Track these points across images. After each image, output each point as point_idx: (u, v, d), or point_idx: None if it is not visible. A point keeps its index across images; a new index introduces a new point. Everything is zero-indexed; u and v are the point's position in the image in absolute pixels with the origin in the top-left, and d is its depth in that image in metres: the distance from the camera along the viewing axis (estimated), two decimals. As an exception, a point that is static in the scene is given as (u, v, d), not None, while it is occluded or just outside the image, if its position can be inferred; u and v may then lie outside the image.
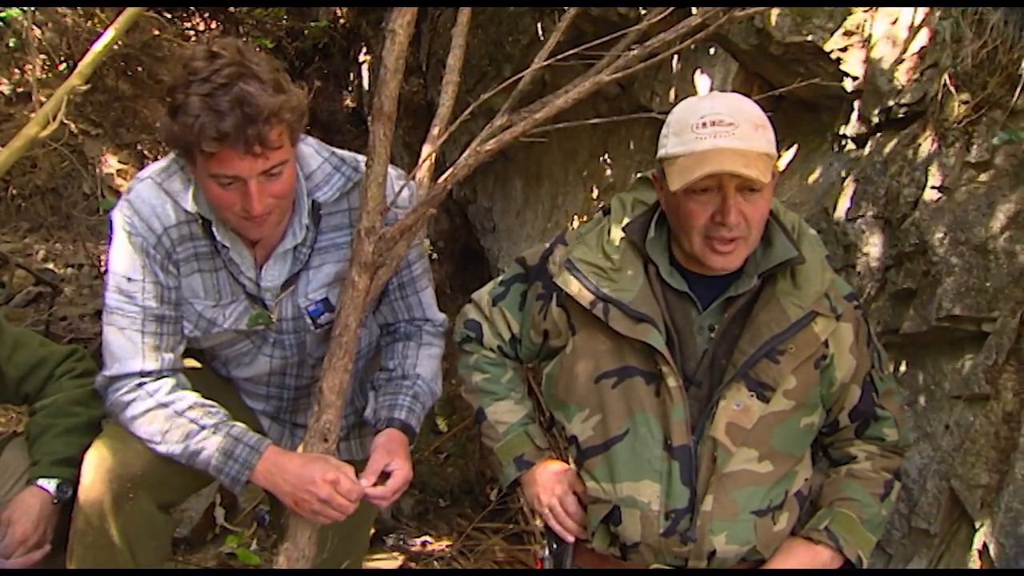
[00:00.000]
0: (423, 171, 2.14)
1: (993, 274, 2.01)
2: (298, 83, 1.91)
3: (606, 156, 4.19)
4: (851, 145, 2.56)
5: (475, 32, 4.96)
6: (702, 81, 3.19)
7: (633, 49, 2.13)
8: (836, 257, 2.45)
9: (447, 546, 4.34)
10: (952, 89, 2.08)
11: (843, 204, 2.43)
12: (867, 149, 2.44)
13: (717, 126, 1.71)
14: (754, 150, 1.71)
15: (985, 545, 1.93)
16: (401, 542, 4.44)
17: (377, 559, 4.30)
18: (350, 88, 7.22)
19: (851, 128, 2.53)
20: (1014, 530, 1.86)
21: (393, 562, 4.26)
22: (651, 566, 1.87)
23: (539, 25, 4.24)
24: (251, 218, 1.85)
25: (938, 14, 2.15)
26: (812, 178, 2.69)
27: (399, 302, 2.22)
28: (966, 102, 2.06)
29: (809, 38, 2.52)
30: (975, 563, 1.97)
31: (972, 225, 2.03)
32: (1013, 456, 1.90)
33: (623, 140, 4.00)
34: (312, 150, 2.03)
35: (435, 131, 2.23)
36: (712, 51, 3.14)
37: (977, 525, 1.98)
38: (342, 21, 7.09)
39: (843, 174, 2.50)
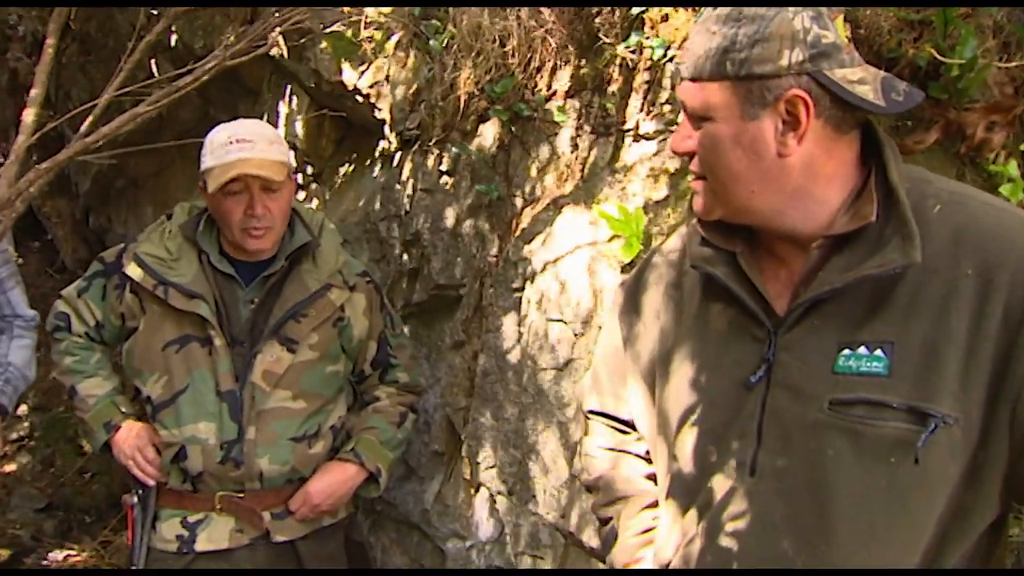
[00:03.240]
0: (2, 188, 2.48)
1: (462, 251, 2.72)
2: None
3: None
4: (386, 161, 3.22)
5: (97, 66, 5.22)
6: (284, 109, 3.74)
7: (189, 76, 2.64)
8: (374, 249, 3.10)
9: (89, 555, 4.54)
10: (431, 118, 2.79)
11: (377, 207, 3.08)
12: (393, 163, 3.11)
13: (241, 143, 2.26)
14: (268, 159, 2.26)
15: (467, 447, 2.63)
16: (41, 561, 4.56)
17: (14, 577, 4.41)
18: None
19: (385, 148, 3.20)
20: (475, 431, 2.57)
21: (30, 577, 4.41)
22: (218, 494, 2.32)
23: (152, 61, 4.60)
24: None
25: (419, 64, 2.87)
26: (363, 188, 3.34)
27: None
28: (440, 127, 2.77)
29: (346, 80, 3.16)
30: (467, 468, 2.66)
31: (446, 217, 2.74)
32: (476, 381, 2.60)
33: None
34: None
35: (13, 156, 2.58)
36: (290, 87, 3.72)
37: (462, 437, 2.67)
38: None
39: (380, 184, 3.15)
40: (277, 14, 2.69)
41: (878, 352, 1.21)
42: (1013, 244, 1.17)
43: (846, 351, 1.23)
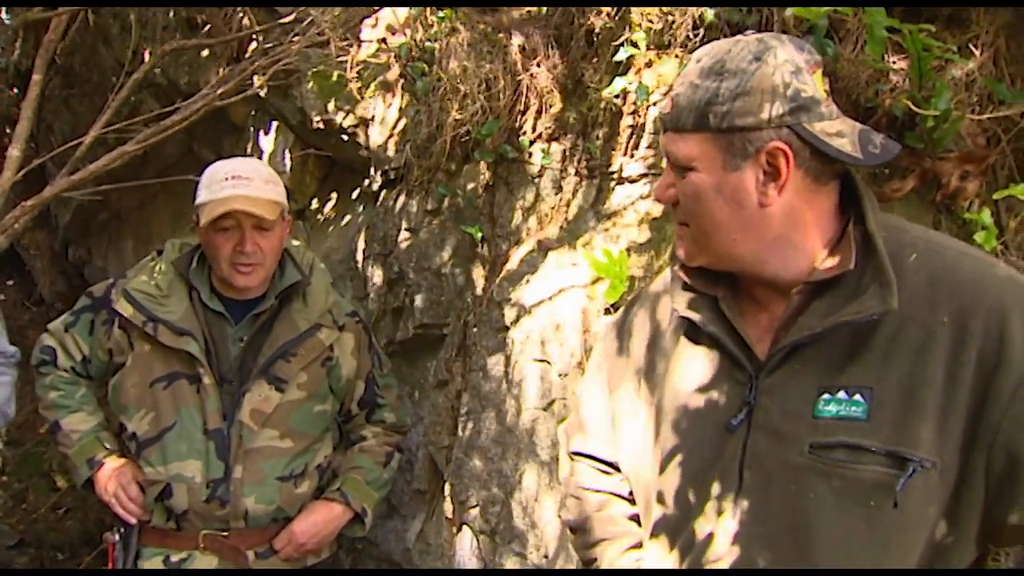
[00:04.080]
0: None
1: (446, 291, 2.74)
2: None
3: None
4: (369, 200, 3.25)
5: (81, 100, 5.24)
6: (267, 146, 3.77)
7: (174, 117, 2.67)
8: (357, 287, 3.12)
9: (63, 594, 4.47)
10: (416, 158, 2.82)
11: (361, 245, 3.10)
12: (377, 202, 3.14)
13: (237, 179, 2.27)
14: (263, 197, 2.28)
15: (450, 486, 2.63)
16: (12, 601, 4.48)
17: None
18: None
19: (369, 186, 3.23)
20: (458, 470, 2.57)
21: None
22: (201, 532, 2.31)
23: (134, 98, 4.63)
24: None
25: (405, 105, 2.91)
26: (347, 225, 3.36)
27: None
28: (425, 167, 2.81)
29: (332, 119, 3.19)
30: (450, 507, 2.66)
31: (431, 256, 2.77)
32: (459, 420, 2.61)
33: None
34: None
35: (-4, 191, 2.60)
36: (275, 124, 3.75)
37: (445, 476, 2.67)
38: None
39: (363, 222, 3.18)
40: (264, 57, 2.73)
41: (857, 397, 1.23)
42: (987, 291, 1.21)
43: (826, 395, 1.26)
